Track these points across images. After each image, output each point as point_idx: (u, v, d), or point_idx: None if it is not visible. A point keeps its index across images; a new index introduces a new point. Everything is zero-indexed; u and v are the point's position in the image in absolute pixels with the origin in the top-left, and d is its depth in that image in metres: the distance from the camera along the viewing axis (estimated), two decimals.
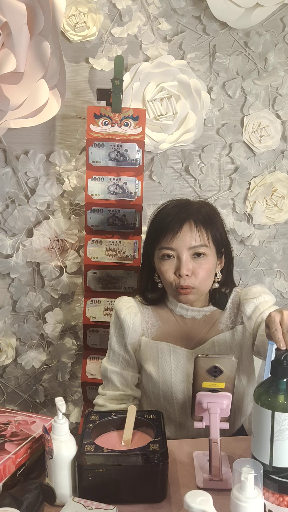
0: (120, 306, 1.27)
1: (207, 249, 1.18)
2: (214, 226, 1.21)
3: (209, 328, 1.25)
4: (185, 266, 1.15)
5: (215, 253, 1.21)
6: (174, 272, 1.18)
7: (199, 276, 1.17)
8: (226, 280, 1.29)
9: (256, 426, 0.85)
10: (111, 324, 1.30)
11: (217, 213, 1.26)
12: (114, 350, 1.28)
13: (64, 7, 1.46)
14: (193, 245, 1.16)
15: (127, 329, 1.24)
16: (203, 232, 1.18)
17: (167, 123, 1.70)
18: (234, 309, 1.26)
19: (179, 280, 1.16)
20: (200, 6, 1.68)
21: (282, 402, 0.82)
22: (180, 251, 1.16)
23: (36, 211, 1.79)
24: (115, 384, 1.27)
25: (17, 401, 1.95)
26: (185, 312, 1.25)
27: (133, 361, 1.27)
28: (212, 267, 1.20)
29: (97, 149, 1.59)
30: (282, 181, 1.82)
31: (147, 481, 0.87)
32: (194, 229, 1.17)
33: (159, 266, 1.21)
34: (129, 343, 1.25)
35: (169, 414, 1.23)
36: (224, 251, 1.25)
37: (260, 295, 1.23)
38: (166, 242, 1.17)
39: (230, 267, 1.29)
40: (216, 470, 0.92)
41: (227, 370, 0.95)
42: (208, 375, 0.95)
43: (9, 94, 1.50)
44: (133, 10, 1.67)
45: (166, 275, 1.18)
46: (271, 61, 1.75)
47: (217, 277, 1.24)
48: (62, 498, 0.87)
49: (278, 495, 0.80)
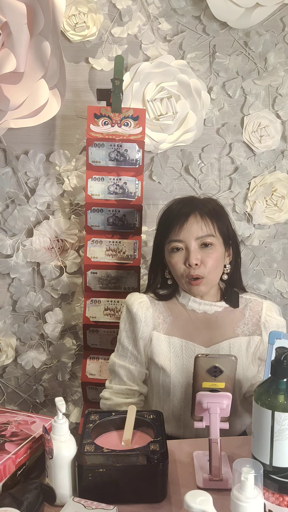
0: (132, 301, 1.28)
1: (214, 239, 1.23)
2: (220, 219, 1.26)
3: (224, 328, 1.26)
4: (194, 255, 1.20)
5: (222, 244, 1.26)
6: (183, 263, 1.22)
7: (208, 265, 1.21)
8: (235, 275, 1.32)
9: (256, 426, 0.85)
10: (122, 319, 1.31)
11: (222, 208, 1.31)
12: (123, 345, 1.29)
13: (64, 7, 1.46)
14: (200, 235, 1.21)
15: (139, 323, 1.25)
16: (209, 222, 1.23)
17: (167, 123, 1.70)
18: (252, 318, 1.28)
19: (189, 270, 1.21)
20: (200, 6, 1.68)
21: (282, 402, 0.82)
22: (188, 241, 1.21)
23: (36, 211, 1.79)
24: (121, 379, 1.27)
25: (17, 401, 1.95)
26: (197, 306, 1.27)
27: (141, 357, 1.27)
28: (220, 257, 1.24)
29: (97, 149, 1.59)
30: (282, 181, 1.82)
31: (147, 481, 0.87)
32: (200, 220, 1.22)
33: (169, 259, 1.25)
34: (141, 337, 1.25)
35: (175, 409, 1.23)
36: (231, 243, 1.30)
37: (281, 322, 1.28)
38: (174, 234, 1.23)
39: (238, 260, 1.33)
40: (216, 470, 0.92)
41: (227, 370, 0.95)
42: (208, 375, 0.95)
43: (9, 94, 1.50)
44: (133, 10, 1.67)
45: (176, 267, 1.23)
46: (271, 61, 1.75)
47: (226, 269, 1.28)
48: (62, 498, 0.87)
49: (278, 495, 0.80)
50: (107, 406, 1.27)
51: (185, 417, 1.23)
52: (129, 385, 1.27)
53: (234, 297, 1.29)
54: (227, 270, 1.29)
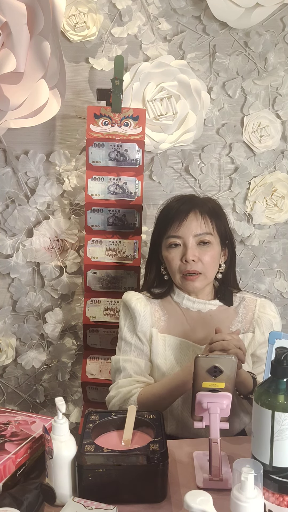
0: (130, 297, 1.29)
1: (212, 237, 1.24)
2: (219, 218, 1.28)
3: (218, 326, 1.25)
4: (191, 252, 1.21)
5: (219, 243, 1.27)
6: (180, 259, 1.23)
7: (204, 262, 1.23)
8: (229, 274, 1.33)
9: (256, 426, 0.85)
10: (121, 316, 1.31)
11: (220, 208, 1.33)
12: (126, 340, 1.27)
13: (64, 7, 1.46)
14: (199, 233, 1.23)
15: (138, 317, 1.25)
16: (208, 221, 1.24)
17: (167, 123, 1.70)
18: (246, 315, 1.29)
19: (185, 266, 1.22)
20: (200, 6, 1.68)
21: (282, 402, 0.82)
22: (186, 238, 1.22)
23: (36, 211, 1.79)
24: (128, 373, 1.24)
25: (17, 401, 1.95)
26: (191, 304, 1.27)
27: (146, 349, 1.26)
28: (216, 255, 1.26)
29: (97, 149, 1.59)
30: (282, 181, 1.82)
31: (147, 481, 0.87)
32: (200, 217, 1.23)
33: (166, 254, 1.26)
34: (140, 331, 1.25)
35: (173, 409, 1.23)
36: (227, 243, 1.31)
37: (275, 318, 1.28)
38: (173, 230, 1.24)
39: (233, 260, 1.34)
40: (216, 470, 0.92)
41: (227, 370, 0.95)
42: (208, 375, 0.95)
43: (9, 94, 1.50)
44: (133, 10, 1.67)
45: (172, 263, 1.24)
46: (271, 61, 1.75)
47: (221, 268, 1.30)
48: (62, 498, 0.87)
49: (278, 495, 0.80)
50: (117, 405, 1.21)
51: (183, 416, 1.23)
52: (136, 378, 1.23)
53: (228, 296, 1.30)
54: (222, 269, 1.30)
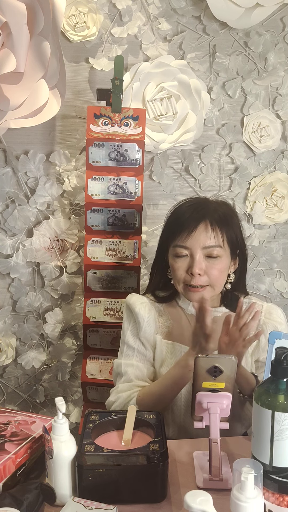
0: (134, 301, 1.26)
1: (221, 250, 1.18)
2: (230, 227, 1.21)
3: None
4: (198, 265, 1.16)
5: (229, 254, 1.22)
6: (186, 271, 1.18)
7: (211, 276, 1.17)
8: (239, 283, 1.28)
9: (256, 426, 0.85)
10: (124, 319, 1.28)
11: (234, 214, 1.26)
12: (128, 344, 1.25)
13: (64, 7, 1.46)
14: (208, 245, 1.17)
15: (142, 322, 1.23)
16: (218, 232, 1.18)
17: (167, 123, 1.70)
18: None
19: (190, 279, 1.17)
20: (200, 6, 1.68)
21: (282, 402, 0.82)
22: (194, 250, 1.17)
23: (36, 211, 1.79)
24: (129, 377, 1.22)
25: (17, 401, 1.95)
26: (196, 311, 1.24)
27: (149, 354, 1.24)
28: (225, 268, 1.20)
29: (97, 149, 1.59)
30: (282, 181, 1.82)
31: (147, 481, 0.87)
32: (210, 229, 1.17)
33: (172, 262, 1.21)
34: (143, 336, 1.23)
35: (174, 415, 1.22)
36: (239, 252, 1.25)
37: (281, 325, 1.24)
38: (181, 240, 1.18)
39: (244, 270, 1.29)
40: (216, 470, 0.92)
41: (227, 370, 0.95)
42: (208, 375, 0.95)
43: (9, 94, 1.50)
44: (133, 10, 1.67)
45: (177, 273, 1.19)
46: (271, 61, 1.75)
47: (230, 278, 1.24)
48: (62, 498, 0.87)
49: (278, 495, 0.80)
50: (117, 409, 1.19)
51: (185, 423, 1.21)
52: (137, 383, 1.21)
53: (234, 302, 1.25)
54: (231, 279, 1.24)
